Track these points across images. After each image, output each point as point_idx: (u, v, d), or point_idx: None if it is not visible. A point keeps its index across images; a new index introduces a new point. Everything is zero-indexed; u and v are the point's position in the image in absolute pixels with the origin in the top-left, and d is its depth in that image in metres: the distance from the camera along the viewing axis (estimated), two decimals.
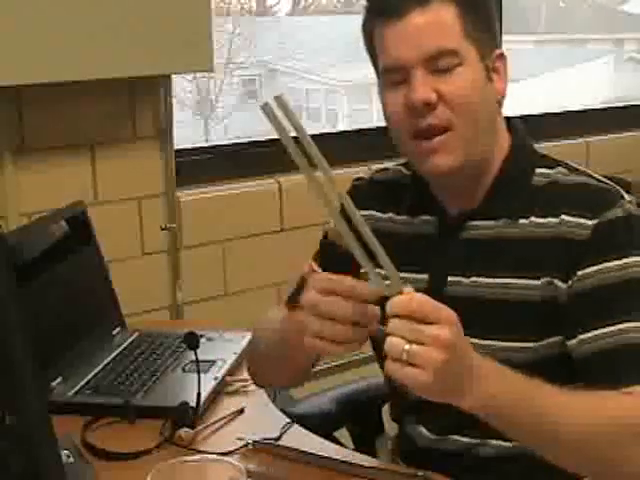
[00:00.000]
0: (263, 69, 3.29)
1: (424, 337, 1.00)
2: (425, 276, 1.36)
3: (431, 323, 1.01)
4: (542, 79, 4.05)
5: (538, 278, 1.28)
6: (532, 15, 4.17)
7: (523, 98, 3.66)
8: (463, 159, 1.28)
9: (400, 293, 1.03)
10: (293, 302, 1.22)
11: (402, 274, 1.34)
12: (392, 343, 1.01)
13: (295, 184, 2.50)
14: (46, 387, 1.51)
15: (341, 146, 2.68)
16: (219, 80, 3.04)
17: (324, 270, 1.29)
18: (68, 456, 1.27)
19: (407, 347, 1.00)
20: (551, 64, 4.12)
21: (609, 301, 1.24)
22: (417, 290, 1.18)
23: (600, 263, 1.24)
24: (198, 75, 2.90)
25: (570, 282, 1.25)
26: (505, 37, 2.84)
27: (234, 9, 3.01)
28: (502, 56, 1.34)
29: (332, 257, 1.22)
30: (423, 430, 1.39)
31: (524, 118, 3.51)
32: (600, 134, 3.18)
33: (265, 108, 0.97)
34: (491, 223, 1.33)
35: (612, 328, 1.22)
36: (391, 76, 1.29)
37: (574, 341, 1.25)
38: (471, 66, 1.28)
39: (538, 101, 3.61)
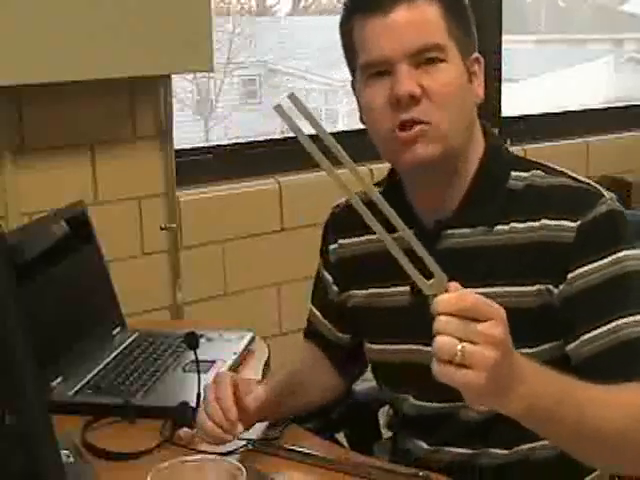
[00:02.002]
0: (263, 69, 3.29)
1: (477, 335, 0.93)
2: (406, 288, 1.35)
3: (479, 320, 0.94)
4: (542, 79, 4.05)
5: (530, 285, 1.26)
6: (532, 15, 4.17)
7: (523, 98, 3.66)
8: (441, 151, 1.26)
9: (446, 290, 0.95)
10: None
11: (382, 289, 1.38)
12: (444, 343, 0.93)
13: (295, 184, 2.50)
14: (46, 387, 1.51)
15: (341, 146, 2.68)
16: (219, 80, 3.04)
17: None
18: (68, 456, 1.27)
19: (460, 347, 0.92)
20: (551, 64, 4.12)
21: (601, 300, 1.23)
22: (400, 304, 1.29)
23: (589, 264, 1.23)
24: (198, 75, 2.90)
25: (561, 286, 1.25)
26: (505, 37, 2.84)
27: (234, 9, 3.01)
28: (479, 60, 1.34)
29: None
30: (418, 441, 1.39)
31: (524, 118, 3.51)
32: (600, 134, 3.18)
33: (278, 109, 0.94)
34: (468, 231, 1.31)
35: (608, 326, 1.21)
36: (373, 70, 1.27)
37: (572, 345, 1.24)
38: (454, 64, 1.27)
39: (538, 101, 3.60)
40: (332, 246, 1.49)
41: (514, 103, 3.14)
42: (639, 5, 4.08)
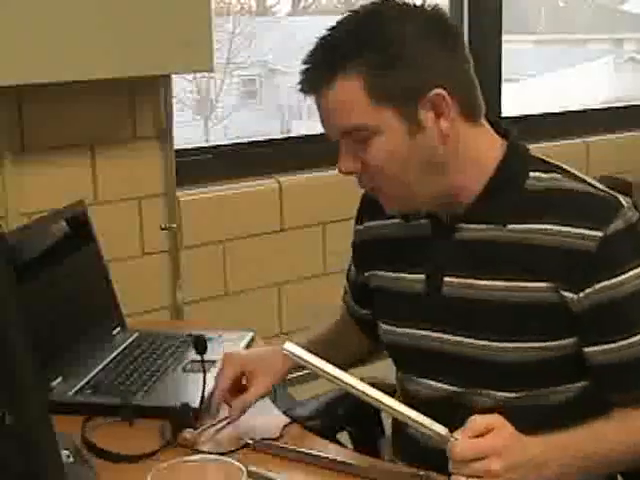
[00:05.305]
0: (263, 69, 3.29)
1: (478, 472, 1.13)
2: (422, 276, 1.39)
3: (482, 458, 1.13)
4: (542, 79, 4.05)
5: (535, 281, 1.29)
6: (532, 15, 4.17)
7: (523, 98, 3.66)
8: (406, 206, 1.35)
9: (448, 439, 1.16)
10: None
11: (400, 274, 1.43)
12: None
13: (295, 184, 2.50)
14: (46, 387, 1.51)
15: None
16: (219, 80, 3.04)
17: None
18: (68, 456, 1.27)
19: None
20: (551, 64, 4.12)
21: (626, 313, 1.27)
22: (415, 291, 1.39)
23: (615, 277, 1.26)
24: (198, 75, 2.89)
25: (583, 294, 1.26)
26: (505, 37, 2.84)
27: (234, 9, 3.01)
28: (440, 96, 1.26)
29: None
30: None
31: (524, 118, 3.51)
32: (600, 134, 3.18)
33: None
34: (482, 227, 1.34)
35: (634, 339, 1.26)
36: None
37: (590, 349, 1.29)
38: (388, 131, 1.26)
39: (538, 101, 3.60)
40: (358, 227, 1.54)
41: (514, 103, 3.14)
42: (639, 5, 4.08)
